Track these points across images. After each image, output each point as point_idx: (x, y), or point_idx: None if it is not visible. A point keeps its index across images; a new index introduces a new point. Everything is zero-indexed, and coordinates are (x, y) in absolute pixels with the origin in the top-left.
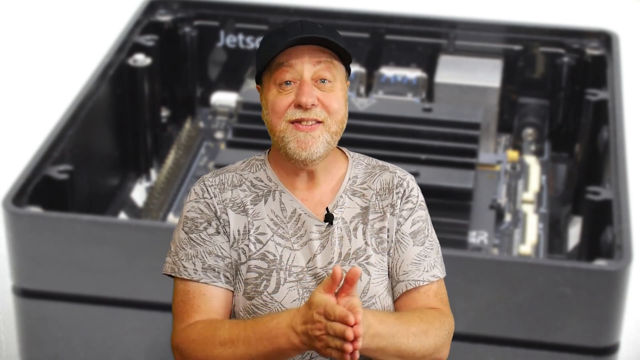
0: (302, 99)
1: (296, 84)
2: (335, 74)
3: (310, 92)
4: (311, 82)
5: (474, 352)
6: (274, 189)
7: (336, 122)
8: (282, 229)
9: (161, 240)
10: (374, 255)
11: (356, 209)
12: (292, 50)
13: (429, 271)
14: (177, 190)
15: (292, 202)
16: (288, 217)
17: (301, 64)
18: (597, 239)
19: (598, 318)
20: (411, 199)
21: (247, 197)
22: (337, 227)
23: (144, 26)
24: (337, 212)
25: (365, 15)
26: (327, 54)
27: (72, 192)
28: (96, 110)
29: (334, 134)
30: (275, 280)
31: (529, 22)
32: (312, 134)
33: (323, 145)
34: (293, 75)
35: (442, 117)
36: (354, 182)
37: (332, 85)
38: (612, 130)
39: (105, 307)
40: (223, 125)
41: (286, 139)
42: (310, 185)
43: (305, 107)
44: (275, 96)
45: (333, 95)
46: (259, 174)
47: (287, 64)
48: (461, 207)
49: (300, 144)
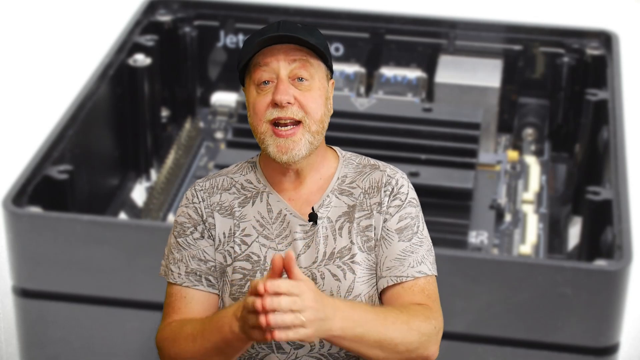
0: (277, 97)
1: (274, 84)
2: (312, 73)
3: (285, 90)
4: (287, 81)
5: (474, 352)
6: (262, 191)
7: (315, 121)
8: (267, 230)
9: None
10: (359, 254)
11: (343, 207)
12: (268, 50)
13: (415, 267)
14: (177, 190)
15: (278, 202)
16: (274, 218)
17: (277, 62)
18: (597, 239)
19: (598, 318)
20: (399, 196)
21: (235, 200)
22: (322, 226)
23: (144, 26)
24: (322, 212)
25: (365, 15)
26: (303, 52)
27: (72, 192)
28: (96, 110)
29: (316, 133)
30: None
31: (529, 22)
32: (293, 139)
33: (305, 146)
34: (270, 75)
35: (442, 117)
36: (343, 181)
37: (309, 84)
38: (612, 130)
39: (105, 307)
40: (223, 125)
41: (266, 142)
42: (297, 184)
43: (280, 105)
44: (254, 97)
45: (309, 95)
46: (249, 176)
47: (263, 63)
48: (461, 207)
49: (280, 148)
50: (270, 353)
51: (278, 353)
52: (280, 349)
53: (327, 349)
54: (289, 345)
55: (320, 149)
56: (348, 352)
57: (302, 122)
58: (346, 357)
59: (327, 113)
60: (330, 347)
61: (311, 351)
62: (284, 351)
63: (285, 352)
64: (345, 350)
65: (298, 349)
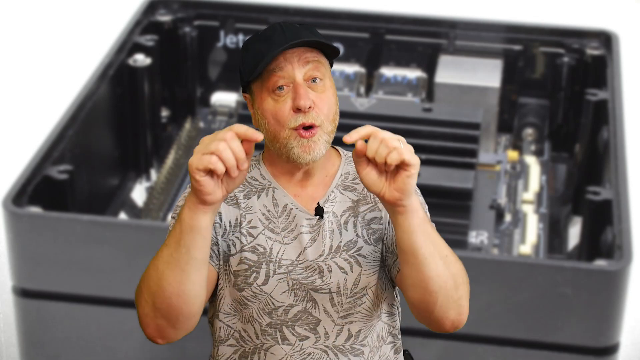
0: (300, 103)
1: (289, 88)
2: (324, 72)
3: (306, 95)
4: (304, 84)
5: (474, 352)
6: (267, 186)
7: (330, 122)
8: (273, 224)
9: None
10: (365, 247)
11: (347, 202)
12: (280, 55)
13: None
14: (177, 190)
15: (284, 197)
16: (279, 212)
17: (291, 67)
18: (597, 239)
19: (598, 318)
20: None
21: (240, 192)
22: (328, 220)
23: (144, 26)
24: (327, 207)
25: (365, 15)
26: (314, 53)
27: (72, 192)
28: (96, 110)
29: (330, 132)
30: (264, 272)
31: (529, 22)
32: (313, 139)
33: (324, 146)
34: (285, 80)
35: (442, 117)
36: (346, 178)
37: (323, 84)
38: (612, 130)
39: (105, 307)
40: (223, 125)
41: (290, 145)
42: (304, 182)
43: (304, 110)
44: (273, 105)
45: (325, 97)
46: (253, 173)
47: (278, 69)
48: (461, 207)
49: (304, 148)
50: (276, 344)
51: (283, 344)
52: (286, 340)
53: (332, 340)
54: (294, 336)
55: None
56: (353, 344)
57: (321, 125)
58: (351, 349)
59: (337, 111)
60: (335, 339)
61: (316, 343)
62: (289, 342)
63: (290, 343)
64: (350, 342)
65: (303, 340)
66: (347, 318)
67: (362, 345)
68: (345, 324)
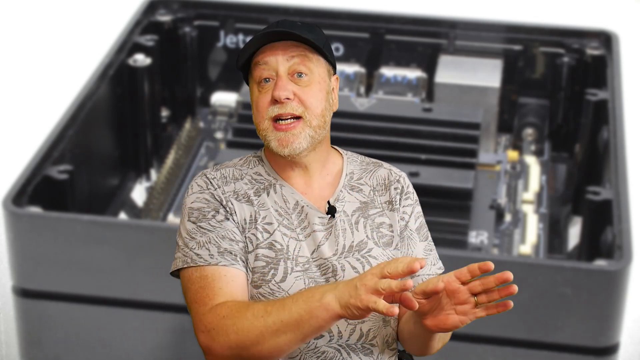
0: (276, 93)
1: (274, 81)
2: (311, 68)
3: (284, 87)
4: (287, 77)
5: (474, 352)
6: (274, 183)
7: (316, 116)
8: (287, 220)
9: (161, 240)
10: (375, 249)
11: (356, 203)
12: (267, 48)
13: (436, 264)
14: (177, 190)
15: (293, 194)
16: (291, 209)
17: (275, 59)
18: (597, 239)
19: (598, 318)
20: (410, 195)
21: (250, 190)
22: (340, 219)
23: (144, 26)
24: (338, 206)
25: (365, 15)
26: (301, 48)
27: (72, 192)
28: (96, 110)
29: (317, 127)
30: (282, 270)
31: (529, 22)
32: (293, 132)
33: (306, 140)
34: (270, 72)
35: (442, 117)
36: (351, 177)
37: (309, 79)
38: (612, 130)
39: (105, 307)
40: (223, 125)
41: (268, 137)
42: (306, 179)
43: (280, 101)
44: (257, 96)
45: (309, 90)
46: (257, 169)
47: (263, 61)
48: (461, 207)
49: (281, 142)
50: None
51: None
52: None
53: (345, 339)
54: None
55: (326, 145)
56: (364, 343)
57: (303, 117)
58: (362, 347)
59: (328, 107)
60: (348, 338)
61: (330, 341)
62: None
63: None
64: (361, 342)
65: (318, 339)
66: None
67: (372, 345)
68: (357, 323)
